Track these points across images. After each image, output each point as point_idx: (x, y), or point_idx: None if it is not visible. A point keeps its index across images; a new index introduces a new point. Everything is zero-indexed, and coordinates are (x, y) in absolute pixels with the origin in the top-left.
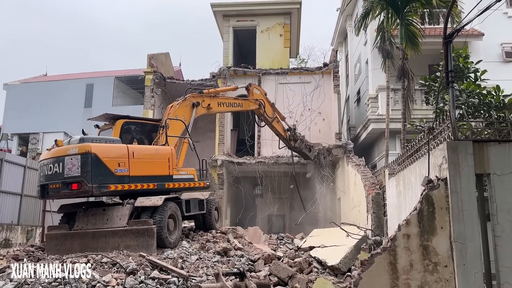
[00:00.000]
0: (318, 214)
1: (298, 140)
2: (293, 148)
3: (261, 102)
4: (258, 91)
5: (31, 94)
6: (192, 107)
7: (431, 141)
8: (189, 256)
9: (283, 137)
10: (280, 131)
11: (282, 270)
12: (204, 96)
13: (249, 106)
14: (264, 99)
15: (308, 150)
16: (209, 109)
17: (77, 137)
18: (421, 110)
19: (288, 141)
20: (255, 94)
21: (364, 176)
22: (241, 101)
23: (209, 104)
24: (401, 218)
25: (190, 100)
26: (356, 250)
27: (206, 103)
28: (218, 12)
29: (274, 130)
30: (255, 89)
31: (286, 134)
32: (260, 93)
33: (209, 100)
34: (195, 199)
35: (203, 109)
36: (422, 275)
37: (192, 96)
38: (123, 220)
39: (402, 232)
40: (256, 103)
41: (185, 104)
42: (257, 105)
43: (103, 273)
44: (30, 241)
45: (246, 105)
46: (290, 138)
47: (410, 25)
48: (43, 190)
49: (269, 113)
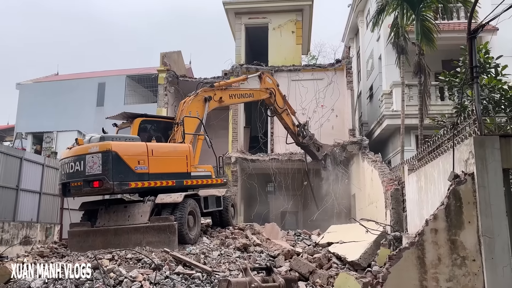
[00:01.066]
0: (333, 210)
1: (307, 137)
2: (301, 144)
3: (272, 91)
4: (270, 80)
5: (44, 93)
6: (204, 101)
7: (455, 136)
8: (210, 252)
9: (291, 131)
10: (289, 124)
11: (303, 266)
12: (215, 89)
13: (260, 95)
14: (276, 89)
15: (316, 149)
16: (221, 102)
17: (97, 135)
18: (436, 105)
19: (296, 136)
20: (267, 83)
21: (381, 172)
22: (252, 91)
23: (221, 97)
24: (423, 214)
25: (202, 95)
26: (375, 245)
27: (217, 97)
28: (230, 10)
29: (283, 123)
30: (267, 78)
31: (294, 129)
32: (272, 82)
33: (221, 93)
34: (213, 196)
35: (215, 102)
36: (450, 269)
37: (203, 91)
38: (145, 217)
39: (430, 227)
40: (267, 92)
41: (197, 100)
42: (267, 94)
43: (129, 268)
44: (49, 239)
45: (257, 94)
46: (299, 134)
47: (426, 21)
48: (65, 188)
49: (280, 104)
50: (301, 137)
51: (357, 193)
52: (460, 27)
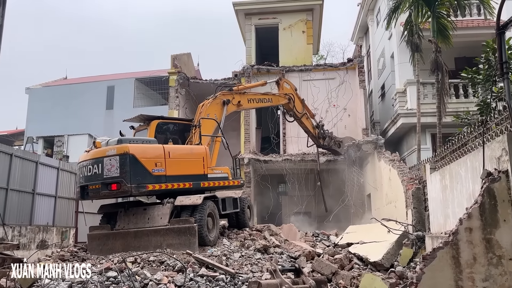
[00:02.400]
0: (349, 210)
1: (327, 138)
2: (322, 146)
3: (290, 96)
4: (288, 85)
5: (53, 97)
6: (222, 105)
7: (485, 133)
8: (231, 253)
9: (312, 135)
10: (309, 128)
11: (325, 267)
12: (234, 93)
13: (278, 100)
14: (294, 94)
15: (338, 146)
16: (239, 106)
17: (115, 138)
18: (451, 103)
19: (317, 139)
20: (285, 88)
21: (401, 171)
22: (270, 96)
23: (239, 101)
24: (447, 213)
25: (220, 98)
26: (397, 245)
27: (236, 100)
28: (240, 11)
29: (303, 127)
30: (285, 83)
31: (315, 132)
32: (290, 88)
33: (239, 97)
34: (230, 197)
35: (233, 106)
36: (486, 268)
37: (222, 94)
38: (164, 219)
39: (464, 226)
40: (285, 98)
41: (215, 103)
42: (286, 100)
43: (153, 271)
44: (65, 242)
45: (276, 100)
46: (319, 136)
47: (441, 18)
48: (83, 191)
49: (299, 108)
50: (322, 139)
51: (372, 193)
52: (473, 23)
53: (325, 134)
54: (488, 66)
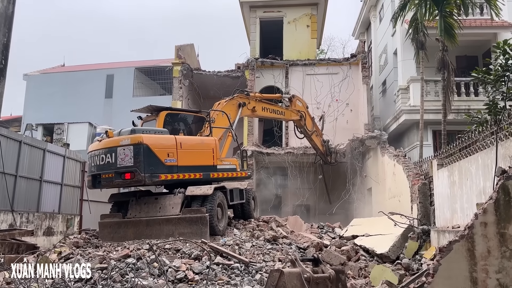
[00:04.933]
0: (351, 203)
1: (333, 154)
2: (330, 163)
3: (302, 114)
4: (300, 103)
5: (51, 84)
6: (238, 107)
7: (498, 132)
8: (243, 243)
9: (321, 151)
10: (318, 145)
11: (334, 258)
12: (251, 98)
13: (290, 116)
14: (306, 112)
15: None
16: (253, 112)
17: (128, 128)
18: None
19: (325, 157)
20: (297, 106)
21: (406, 166)
22: (284, 110)
23: (254, 107)
24: (455, 208)
25: (237, 100)
26: (403, 238)
27: (251, 105)
28: (245, 4)
29: (313, 144)
30: (297, 101)
31: (323, 149)
32: (302, 105)
33: (255, 103)
34: (237, 188)
35: (248, 110)
36: (500, 261)
37: (239, 97)
38: (176, 209)
39: (479, 220)
40: (297, 114)
41: (232, 103)
42: (298, 116)
43: (170, 258)
44: (70, 229)
45: (288, 114)
46: (327, 153)
47: (448, 17)
48: (95, 180)
49: (309, 126)
50: (329, 156)
51: (374, 187)
52: (476, 23)
53: (331, 150)
54: (500, 66)
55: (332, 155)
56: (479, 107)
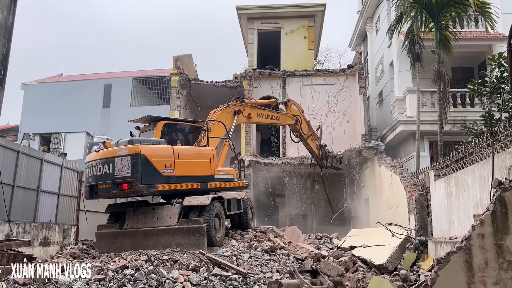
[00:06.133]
0: (348, 214)
1: (329, 158)
2: (326, 167)
3: (298, 118)
4: (295, 107)
5: (49, 94)
6: (233, 114)
7: (494, 144)
8: (241, 254)
9: (317, 156)
10: (314, 149)
11: (332, 269)
12: (246, 105)
13: (286, 120)
14: (301, 116)
15: (339, 163)
16: (249, 118)
17: (125, 139)
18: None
19: (321, 160)
20: (293, 110)
21: (403, 177)
22: (279, 115)
23: (250, 114)
24: (452, 219)
25: (232, 108)
26: (401, 249)
27: (247, 112)
28: (243, 15)
29: (308, 148)
30: (293, 105)
31: (319, 153)
32: (297, 109)
33: (250, 109)
34: (234, 198)
35: (243, 117)
36: (497, 272)
37: (234, 104)
38: (173, 219)
39: (476, 232)
40: (293, 118)
41: (227, 111)
42: (294, 121)
43: (168, 270)
44: (66, 240)
45: (284, 119)
46: (323, 157)
47: (443, 29)
48: (92, 190)
49: (305, 130)
50: (325, 160)
51: (371, 197)
52: (471, 35)
53: (327, 154)
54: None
55: (328, 159)
56: (475, 118)
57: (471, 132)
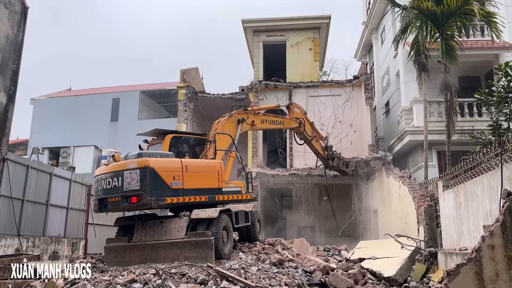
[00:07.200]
0: (357, 225)
1: (336, 159)
2: (331, 167)
3: (301, 120)
4: (298, 109)
5: (58, 108)
6: (237, 123)
7: (503, 154)
8: (249, 267)
9: (322, 156)
10: (319, 150)
11: (341, 282)
12: (249, 113)
13: (290, 124)
14: (304, 118)
15: (345, 166)
16: (253, 126)
17: (134, 152)
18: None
19: (326, 160)
20: (296, 113)
21: (412, 188)
22: (282, 119)
23: (253, 121)
24: (462, 230)
25: (236, 117)
26: (410, 261)
27: (250, 120)
28: (249, 28)
29: (313, 149)
30: (295, 108)
31: (324, 153)
32: (300, 112)
33: (253, 117)
34: (242, 211)
35: (247, 125)
36: (508, 284)
37: (237, 113)
38: (181, 232)
39: (486, 243)
40: (296, 121)
41: (231, 120)
42: (297, 123)
43: (176, 283)
44: (75, 253)
45: (287, 123)
46: (328, 157)
47: (449, 39)
48: (101, 203)
49: (309, 132)
50: (331, 160)
51: (380, 209)
52: (477, 44)
53: (334, 155)
54: (502, 88)
55: (334, 160)
56: (482, 128)
57: (479, 142)
